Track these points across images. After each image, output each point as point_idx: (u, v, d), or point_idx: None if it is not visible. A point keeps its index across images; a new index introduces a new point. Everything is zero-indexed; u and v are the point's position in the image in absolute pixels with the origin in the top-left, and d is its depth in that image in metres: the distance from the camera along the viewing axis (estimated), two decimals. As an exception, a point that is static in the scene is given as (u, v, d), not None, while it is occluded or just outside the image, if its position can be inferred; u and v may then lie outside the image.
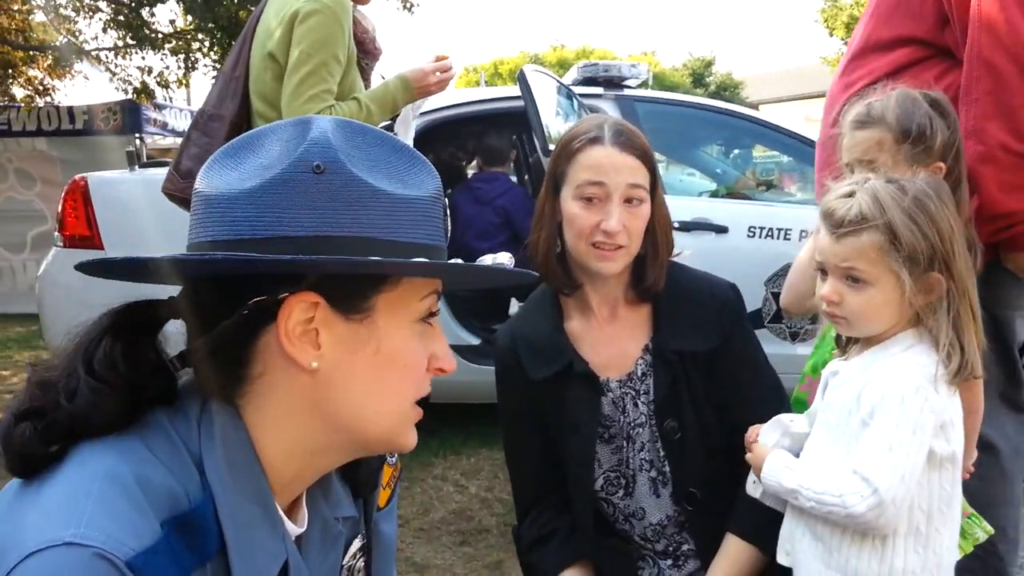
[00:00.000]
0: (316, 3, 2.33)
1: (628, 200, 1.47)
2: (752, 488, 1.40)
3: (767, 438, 1.36)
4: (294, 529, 0.93)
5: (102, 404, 0.80)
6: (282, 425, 0.87)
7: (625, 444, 1.55)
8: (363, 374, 0.87)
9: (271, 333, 0.83)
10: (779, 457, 1.30)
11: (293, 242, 0.80)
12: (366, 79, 2.71)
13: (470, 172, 5.51)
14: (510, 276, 1.20)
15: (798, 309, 1.84)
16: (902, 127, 1.49)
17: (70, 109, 8.16)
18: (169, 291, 0.90)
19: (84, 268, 0.87)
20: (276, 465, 0.87)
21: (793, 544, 1.33)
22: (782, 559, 1.35)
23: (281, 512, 0.89)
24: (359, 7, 2.65)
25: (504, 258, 0.93)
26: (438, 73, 2.59)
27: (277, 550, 0.87)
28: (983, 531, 1.49)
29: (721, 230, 3.67)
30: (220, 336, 0.83)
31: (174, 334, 0.91)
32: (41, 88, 10.69)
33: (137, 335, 0.86)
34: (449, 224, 0.93)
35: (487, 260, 0.94)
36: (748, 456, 1.37)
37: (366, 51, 2.66)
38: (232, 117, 2.53)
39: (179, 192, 2.50)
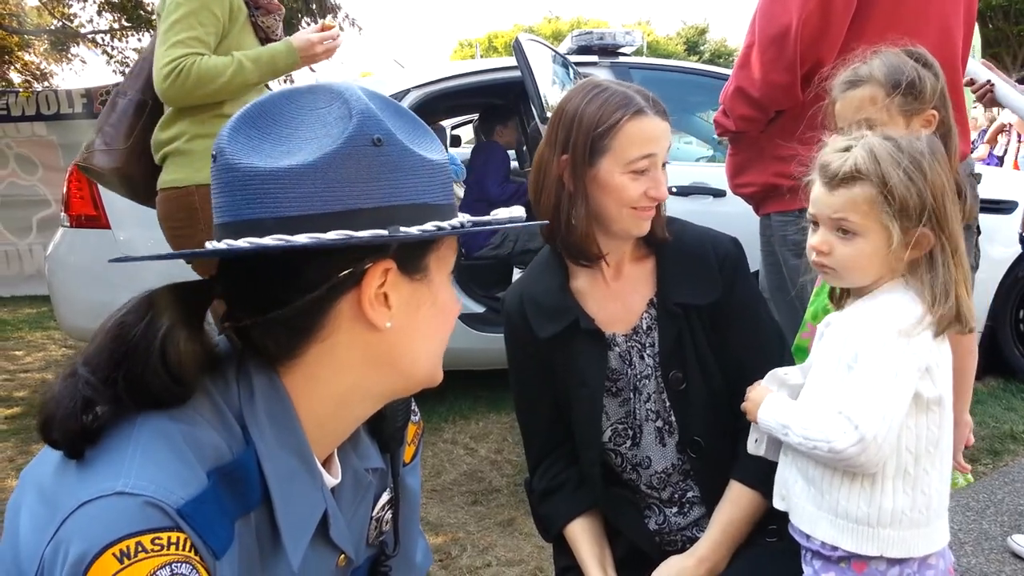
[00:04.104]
0: None
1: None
2: (753, 447, 1.43)
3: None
4: (330, 480, 0.97)
5: (177, 394, 0.82)
6: (337, 379, 0.91)
7: (632, 396, 1.59)
8: (424, 326, 0.94)
9: (346, 300, 0.87)
10: (775, 397, 1.35)
11: (365, 214, 0.84)
12: (274, 38, 2.73)
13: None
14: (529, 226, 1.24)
15: None
16: (892, 80, 1.53)
17: (68, 93, 8.10)
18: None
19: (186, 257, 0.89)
20: (324, 415, 0.92)
21: (788, 489, 1.36)
22: (778, 504, 1.40)
23: (319, 464, 0.93)
24: None
25: (519, 211, 1.01)
26: (326, 42, 2.66)
27: (317, 500, 0.91)
28: (964, 479, 1.53)
29: (719, 194, 3.70)
30: (301, 307, 0.85)
31: None
32: (39, 73, 10.66)
33: (193, 319, 0.88)
34: None
35: (503, 213, 1.01)
36: (745, 404, 1.40)
37: (258, 5, 2.67)
38: (135, 94, 2.65)
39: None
